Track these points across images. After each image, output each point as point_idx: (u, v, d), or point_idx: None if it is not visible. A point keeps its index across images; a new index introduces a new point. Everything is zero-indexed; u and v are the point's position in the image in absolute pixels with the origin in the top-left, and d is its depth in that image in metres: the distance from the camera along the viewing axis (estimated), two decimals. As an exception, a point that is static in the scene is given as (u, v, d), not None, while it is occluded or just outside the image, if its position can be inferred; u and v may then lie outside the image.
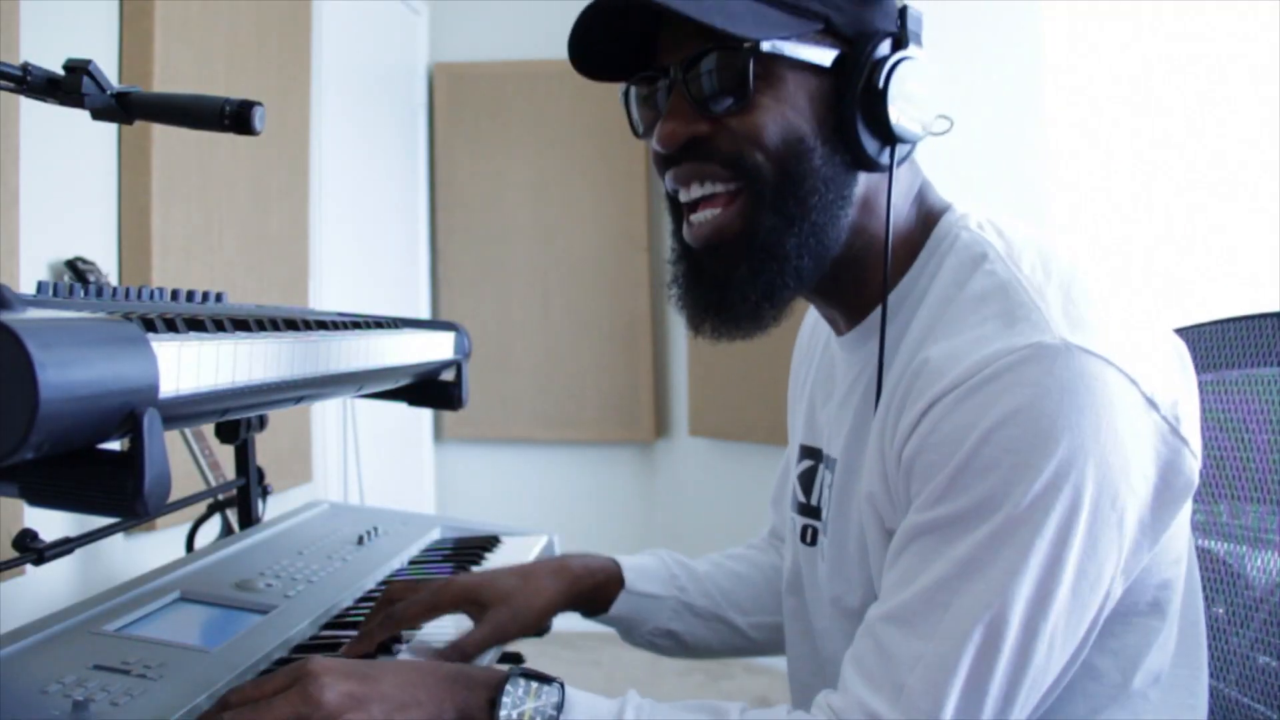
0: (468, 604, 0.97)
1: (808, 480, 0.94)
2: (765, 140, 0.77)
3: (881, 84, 0.76)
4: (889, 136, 0.78)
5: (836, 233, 0.79)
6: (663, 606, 1.07)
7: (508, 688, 0.75)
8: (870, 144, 0.78)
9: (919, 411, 0.71)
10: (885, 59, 0.77)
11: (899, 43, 0.78)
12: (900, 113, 0.77)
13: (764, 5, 0.77)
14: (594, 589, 1.05)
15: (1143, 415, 0.69)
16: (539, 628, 1.00)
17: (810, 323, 1.06)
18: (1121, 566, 0.70)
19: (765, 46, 0.76)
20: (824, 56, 0.78)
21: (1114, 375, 0.68)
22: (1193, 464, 0.72)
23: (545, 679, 0.76)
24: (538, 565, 1.04)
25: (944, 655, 0.67)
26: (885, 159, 0.79)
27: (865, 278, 0.83)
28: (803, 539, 0.94)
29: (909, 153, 0.82)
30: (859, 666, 0.72)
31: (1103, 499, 0.67)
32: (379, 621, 0.94)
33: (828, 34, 0.78)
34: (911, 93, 0.78)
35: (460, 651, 0.93)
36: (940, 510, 0.69)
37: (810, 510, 0.93)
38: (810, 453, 0.95)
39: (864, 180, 0.81)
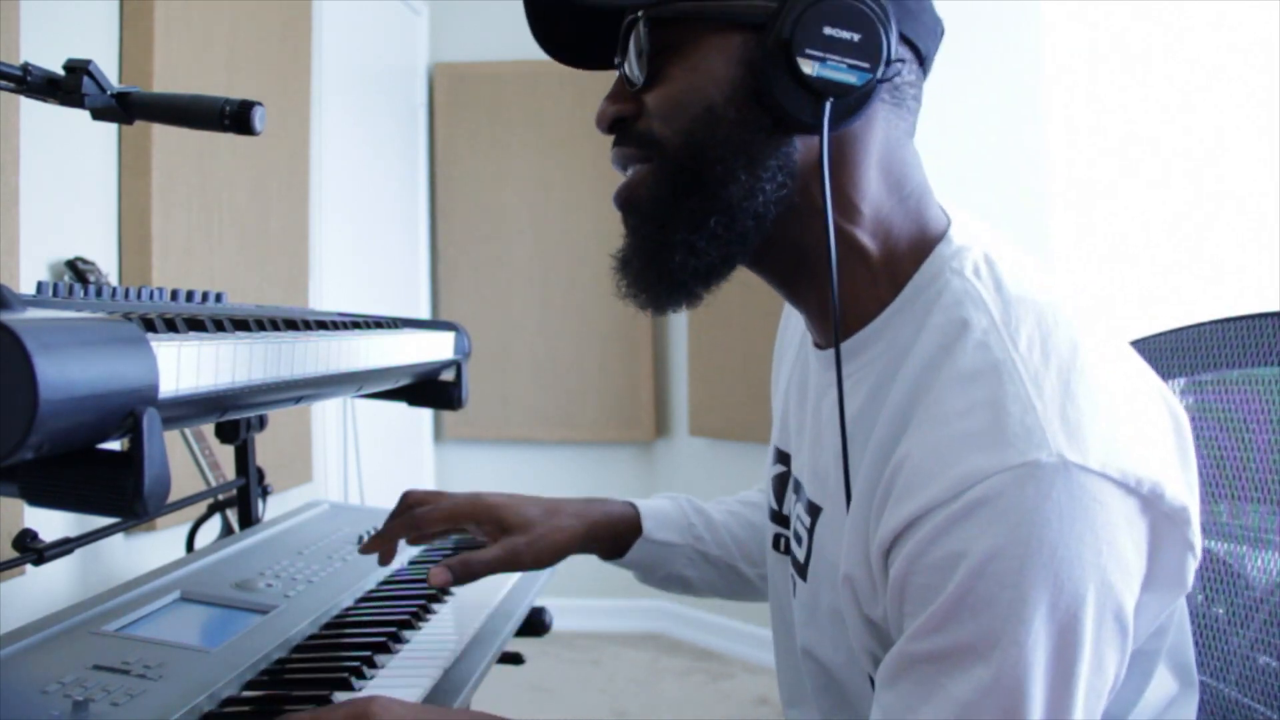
0: (489, 521, 0.97)
1: (780, 487, 0.91)
2: (670, 113, 0.73)
3: (788, 32, 0.68)
4: (814, 91, 0.68)
5: (760, 207, 0.71)
6: (678, 554, 1.07)
7: None
8: (793, 102, 0.69)
9: (903, 521, 0.65)
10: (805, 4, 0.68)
11: None
12: (817, 61, 0.68)
13: None
14: (613, 536, 1.05)
15: (1141, 520, 0.64)
16: (551, 564, 1.00)
17: (790, 308, 1.00)
18: (1125, 663, 0.67)
19: (657, 12, 0.72)
20: (743, 11, 0.70)
21: (1111, 491, 0.62)
22: (1191, 565, 0.67)
23: None
24: (561, 504, 1.03)
25: None
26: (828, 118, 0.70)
27: (829, 282, 0.73)
28: (775, 546, 0.92)
29: (860, 106, 0.70)
30: None
31: (1105, 618, 0.63)
32: (401, 522, 0.95)
33: None
34: (834, 36, 0.68)
35: (467, 567, 0.92)
36: (936, 642, 0.64)
37: (782, 519, 0.90)
38: (782, 457, 0.92)
39: (810, 145, 0.72)
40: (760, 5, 0.70)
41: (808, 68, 0.68)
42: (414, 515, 0.96)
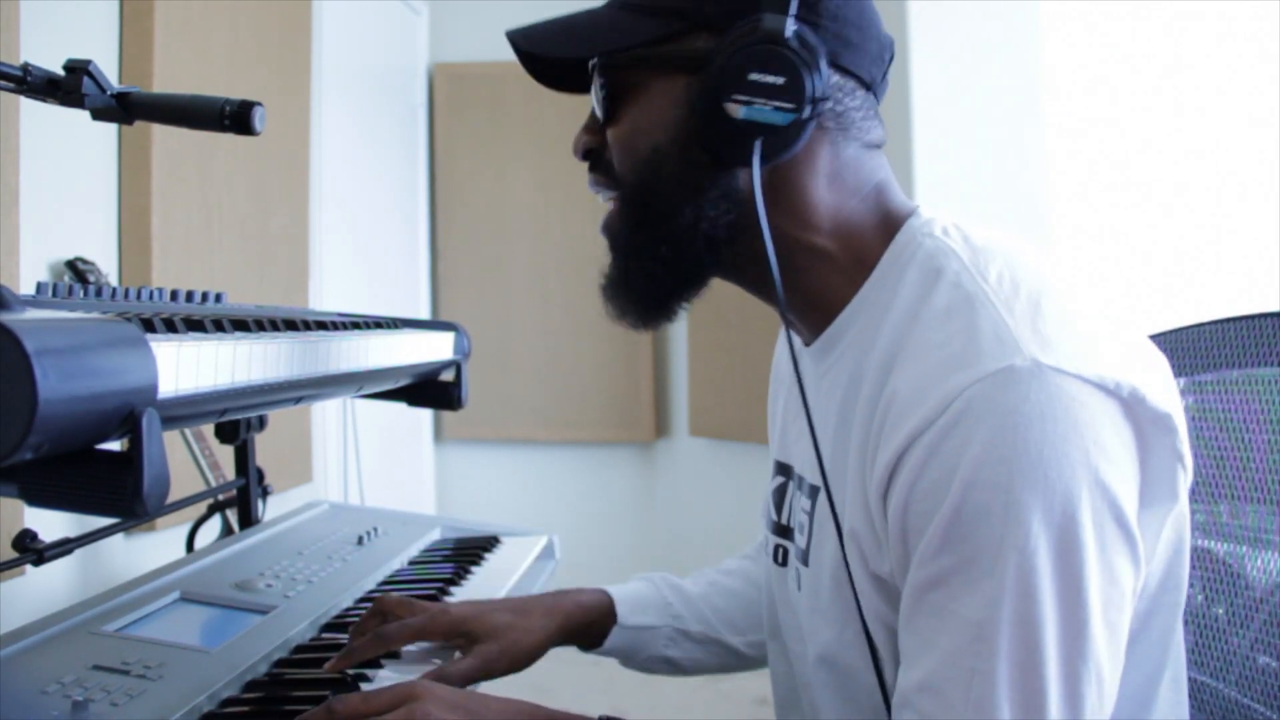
0: (458, 636, 0.96)
1: (779, 498, 0.92)
2: (624, 152, 0.79)
3: (715, 79, 0.72)
4: (745, 131, 0.73)
5: (710, 232, 0.77)
6: (657, 635, 1.06)
7: None
8: (726, 142, 0.74)
9: (895, 452, 0.68)
10: (735, 48, 0.72)
11: (755, 27, 0.72)
12: (742, 105, 0.72)
13: (628, 13, 0.77)
14: (586, 626, 1.04)
15: (1125, 424, 0.66)
16: (527, 665, 0.99)
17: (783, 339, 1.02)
18: (1141, 581, 0.68)
19: (605, 59, 0.77)
20: (686, 55, 0.75)
21: (1090, 392, 0.64)
22: (1182, 477, 0.69)
23: None
24: (532, 602, 1.02)
25: None
26: (770, 151, 0.74)
27: (806, 286, 0.80)
28: (775, 558, 0.92)
29: (794, 140, 0.74)
30: None
31: (1104, 519, 0.64)
32: (368, 640, 0.93)
33: (702, 30, 0.75)
34: (758, 81, 0.72)
35: (442, 678, 0.91)
36: (942, 562, 0.65)
37: (782, 530, 0.91)
38: (782, 469, 0.93)
39: (749, 174, 0.75)
40: (697, 49, 0.75)
41: (734, 111, 0.73)
42: (382, 633, 0.93)
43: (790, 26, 0.72)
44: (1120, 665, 0.67)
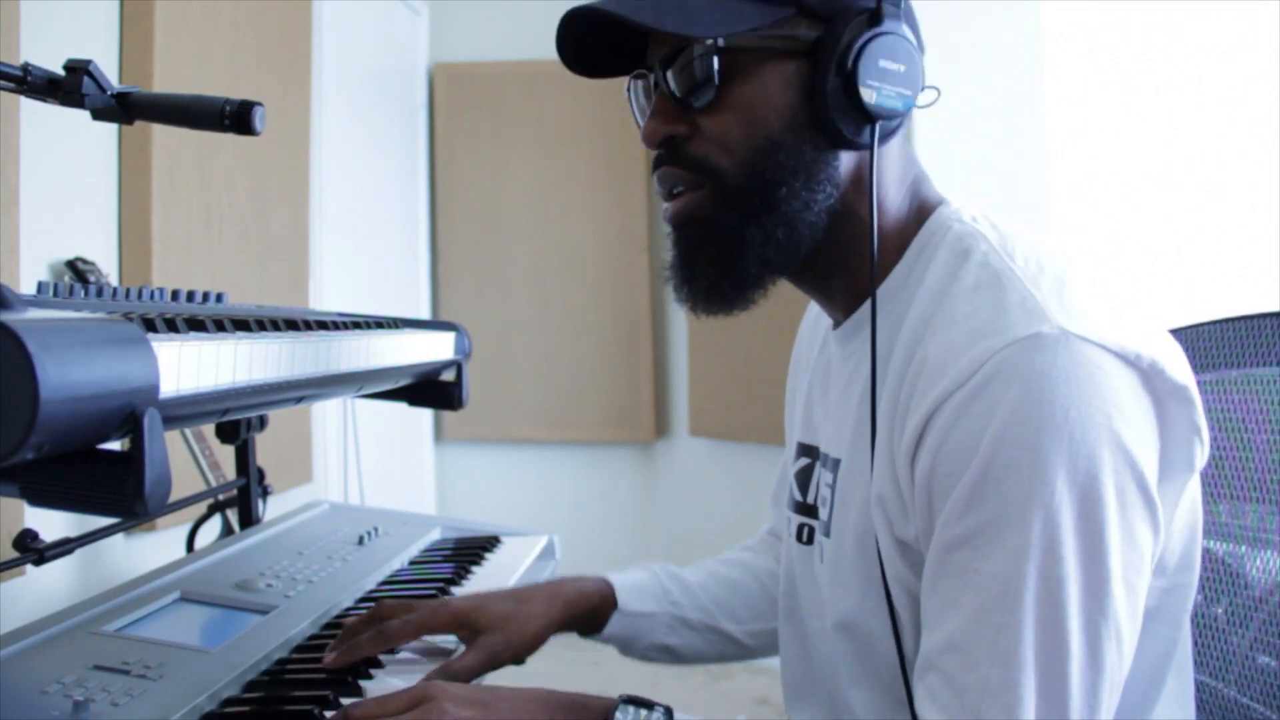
0: (461, 628, 0.97)
1: (804, 478, 0.93)
2: (731, 143, 0.78)
3: (850, 64, 0.75)
4: (866, 115, 0.76)
5: (814, 216, 0.79)
6: (656, 623, 1.07)
7: (617, 715, 0.79)
8: (847, 125, 0.77)
9: (924, 415, 0.70)
10: (857, 37, 0.76)
11: (875, 17, 0.76)
12: (875, 90, 0.76)
13: None
14: (588, 612, 1.05)
15: (1144, 394, 0.68)
16: (531, 653, 1.00)
17: (810, 318, 1.04)
18: (1160, 548, 0.70)
19: (727, 42, 0.76)
20: (797, 42, 0.77)
21: (1112, 361, 0.67)
22: (1199, 449, 0.71)
23: (651, 704, 0.80)
24: (532, 591, 1.03)
25: (1010, 679, 0.65)
26: (867, 137, 0.78)
27: (854, 265, 0.82)
28: (799, 538, 0.93)
29: (898, 125, 0.80)
30: (936, 703, 0.69)
31: (1126, 482, 0.66)
32: (371, 636, 0.92)
33: (802, 17, 0.77)
34: (887, 68, 0.76)
35: (450, 675, 0.92)
36: (968, 521, 0.67)
37: (807, 509, 0.92)
38: (807, 450, 0.94)
39: (849, 159, 0.80)
40: (813, 36, 0.77)
41: (868, 96, 0.76)
42: (384, 630, 0.93)
43: (900, 16, 0.77)
44: (1138, 628, 0.69)
